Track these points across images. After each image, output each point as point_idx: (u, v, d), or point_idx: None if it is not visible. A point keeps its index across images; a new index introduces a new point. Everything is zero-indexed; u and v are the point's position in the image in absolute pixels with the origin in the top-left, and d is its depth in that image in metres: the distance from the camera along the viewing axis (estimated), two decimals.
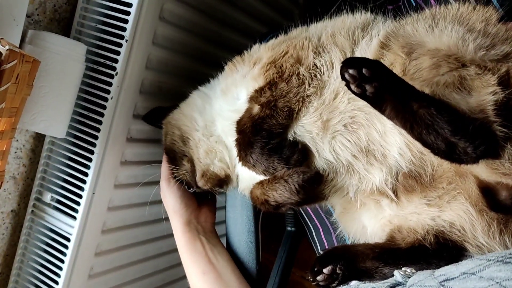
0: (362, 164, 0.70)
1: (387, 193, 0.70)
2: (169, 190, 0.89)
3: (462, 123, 0.58)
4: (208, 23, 1.06)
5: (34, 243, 0.97)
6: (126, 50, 0.86)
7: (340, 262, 0.67)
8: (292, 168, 0.71)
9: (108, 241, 1.00)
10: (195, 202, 0.91)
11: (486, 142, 0.58)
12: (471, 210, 0.65)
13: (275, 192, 0.71)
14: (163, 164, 0.90)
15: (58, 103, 0.83)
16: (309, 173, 0.70)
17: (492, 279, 0.46)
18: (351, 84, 0.59)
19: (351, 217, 0.77)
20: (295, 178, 0.70)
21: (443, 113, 0.58)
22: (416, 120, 0.58)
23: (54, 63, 0.81)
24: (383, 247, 0.70)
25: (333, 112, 0.70)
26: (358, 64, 0.59)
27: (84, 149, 0.91)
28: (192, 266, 0.88)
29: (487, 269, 0.48)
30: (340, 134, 0.70)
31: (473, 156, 0.57)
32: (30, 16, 0.88)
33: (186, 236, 0.89)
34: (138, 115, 0.95)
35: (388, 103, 0.60)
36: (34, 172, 0.97)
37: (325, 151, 0.71)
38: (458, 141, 0.57)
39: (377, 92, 0.59)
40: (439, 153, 0.59)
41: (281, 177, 0.71)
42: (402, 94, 0.59)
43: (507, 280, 0.46)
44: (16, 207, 0.98)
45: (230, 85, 0.81)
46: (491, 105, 0.59)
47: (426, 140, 0.59)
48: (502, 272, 0.46)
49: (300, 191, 0.70)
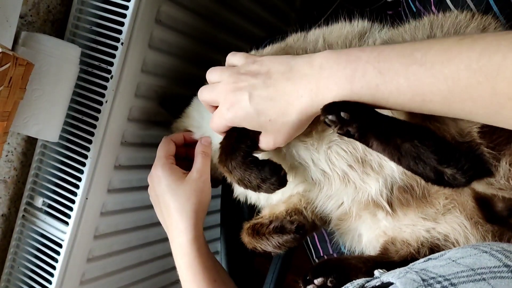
0: (358, 174, 0.70)
1: (382, 205, 0.70)
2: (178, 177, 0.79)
3: (448, 151, 0.59)
4: (205, 26, 1.05)
5: (25, 248, 0.95)
6: (122, 53, 0.85)
7: (332, 275, 0.67)
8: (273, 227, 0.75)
9: (100, 246, 0.98)
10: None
11: (474, 166, 0.59)
12: (466, 223, 0.66)
13: (259, 244, 0.75)
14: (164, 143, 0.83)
15: (51, 106, 0.81)
16: (289, 235, 0.73)
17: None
18: (334, 127, 0.60)
19: (347, 227, 0.77)
20: (275, 238, 0.73)
21: (427, 143, 0.58)
22: (402, 154, 0.59)
23: (48, 65, 0.79)
24: (376, 261, 0.70)
25: None
26: (337, 109, 0.59)
27: (77, 153, 0.89)
28: (203, 273, 0.79)
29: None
30: (336, 144, 0.69)
31: (463, 181, 0.59)
32: (23, 17, 0.86)
33: (196, 246, 0.78)
34: (133, 118, 0.94)
35: (373, 140, 0.60)
36: (25, 175, 0.95)
37: (320, 161, 0.71)
38: (445, 169, 0.58)
39: (359, 132, 0.60)
40: (430, 181, 0.60)
41: (263, 234, 0.74)
42: (384, 130, 0.60)
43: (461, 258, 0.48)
44: (6, 212, 0.96)
45: None
46: (476, 128, 0.60)
47: (415, 171, 0.60)
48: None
49: (281, 247, 0.74)
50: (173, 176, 0.79)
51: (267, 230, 0.76)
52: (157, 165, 0.81)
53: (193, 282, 0.78)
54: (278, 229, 0.75)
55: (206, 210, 0.81)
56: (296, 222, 0.76)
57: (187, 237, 0.77)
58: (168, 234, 0.82)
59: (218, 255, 1.21)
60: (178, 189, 0.78)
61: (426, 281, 0.44)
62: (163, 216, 0.82)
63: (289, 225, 0.76)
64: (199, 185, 0.79)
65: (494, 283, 0.42)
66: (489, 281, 0.43)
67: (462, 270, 0.45)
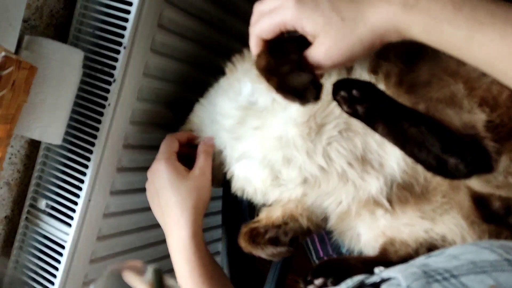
0: (357, 172, 0.70)
1: (382, 203, 0.70)
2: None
3: (452, 140, 0.59)
4: (206, 30, 1.06)
5: (28, 250, 0.96)
6: (124, 57, 0.86)
7: (332, 275, 0.68)
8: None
9: (103, 248, 0.99)
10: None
11: (478, 158, 0.59)
12: (462, 224, 0.66)
13: (255, 251, 0.78)
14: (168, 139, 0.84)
15: (54, 109, 0.82)
16: (283, 247, 0.76)
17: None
18: (343, 104, 0.60)
19: (346, 226, 0.77)
20: (270, 249, 0.76)
21: (434, 130, 0.59)
22: (407, 139, 0.60)
23: (51, 69, 0.80)
24: (375, 261, 0.71)
25: (328, 117, 0.70)
26: (349, 86, 0.60)
27: (80, 156, 0.90)
28: (200, 269, 0.78)
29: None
30: (336, 141, 0.70)
31: (464, 172, 0.59)
32: (26, 21, 0.87)
33: (195, 241, 0.78)
34: (136, 121, 0.95)
35: (380, 123, 0.61)
36: (28, 178, 0.96)
37: (316, 155, 0.71)
38: (449, 158, 0.58)
39: (368, 112, 0.60)
40: (431, 169, 0.60)
41: (258, 243, 0.76)
42: (393, 113, 0.61)
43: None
44: (10, 214, 0.97)
45: (232, 82, 0.80)
46: (481, 122, 0.60)
47: (418, 157, 0.60)
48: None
49: (276, 257, 0.77)
50: (176, 171, 0.80)
51: (262, 240, 0.77)
52: (160, 160, 0.82)
53: (190, 278, 0.78)
54: (272, 241, 0.77)
55: (206, 206, 0.82)
56: (291, 233, 0.77)
57: (187, 232, 0.78)
58: (165, 229, 0.83)
59: (219, 255, 1.21)
60: (180, 184, 0.79)
61: (427, 273, 0.45)
62: (161, 210, 0.82)
63: (284, 237, 0.77)
64: (201, 182, 0.80)
65: (495, 276, 0.43)
66: (491, 274, 0.43)
67: (463, 264, 0.46)
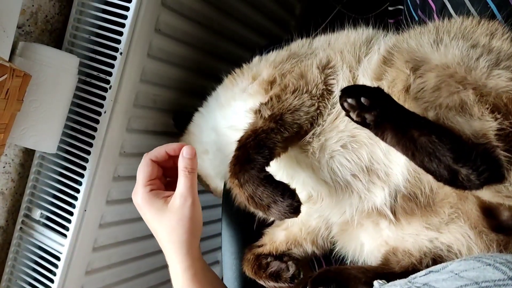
0: (363, 183, 0.68)
1: (386, 213, 0.69)
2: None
3: (464, 150, 0.57)
4: (204, 34, 1.04)
5: (22, 261, 0.94)
6: (121, 63, 0.84)
7: (331, 285, 0.66)
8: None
9: (99, 258, 0.97)
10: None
11: (490, 168, 0.56)
12: (470, 233, 0.64)
13: (257, 280, 0.77)
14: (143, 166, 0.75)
15: (49, 117, 0.80)
16: (284, 283, 0.75)
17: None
18: (351, 113, 0.58)
19: (348, 237, 0.76)
20: (271, 283, 0.75)
21: (445, 140, 0.57)
22: (418, 148, 0.57)
23: (46, 76, 0.78)
24: (376, 271, 0.69)
25: (332, 132, 0.69)
26: (357, 93, 0.58)
27: (76, 165, 0.88)
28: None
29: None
30: (339, 154, 0.68)
31: (476, 183, 0.56)
32: (21, 27, 0.85)
33: (189, 274, 0.72)
34: (132, 129, 0.93)
35: (389, 131, 0.59)
36: (23, 187, 0.94)
37: (322, 171, 0.70)
38: (460, 168, 0.56)
39: (377, 120, 0.58)
40: (442, 180, 0.58)
41: (260, 276, 0.76)
42: (402, 121, 0.59)
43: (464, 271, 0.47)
44: (4, 224, 0.95)
45: (229, 99, 0.79)
46: (492, 130, 0.58)
47: (428, 168, 0.58)
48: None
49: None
50: (153, 206, 0.71)
51: (264, 274, 0.76)
52: (136, 194, 0.73)
53: None
54: (274, 275, 0.76)
55: (198, 235, 0.73)
56: (293, 269, 0.75)
57: (180, 267, 0.72)
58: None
59: (218, 264, 1.19)
60: (162, 219, 0.70)
61: None
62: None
63: (285, 273, 0.76)
64: (184, 213, 0.69)
65: None
66: None
67: (466, 284, 0.44)
